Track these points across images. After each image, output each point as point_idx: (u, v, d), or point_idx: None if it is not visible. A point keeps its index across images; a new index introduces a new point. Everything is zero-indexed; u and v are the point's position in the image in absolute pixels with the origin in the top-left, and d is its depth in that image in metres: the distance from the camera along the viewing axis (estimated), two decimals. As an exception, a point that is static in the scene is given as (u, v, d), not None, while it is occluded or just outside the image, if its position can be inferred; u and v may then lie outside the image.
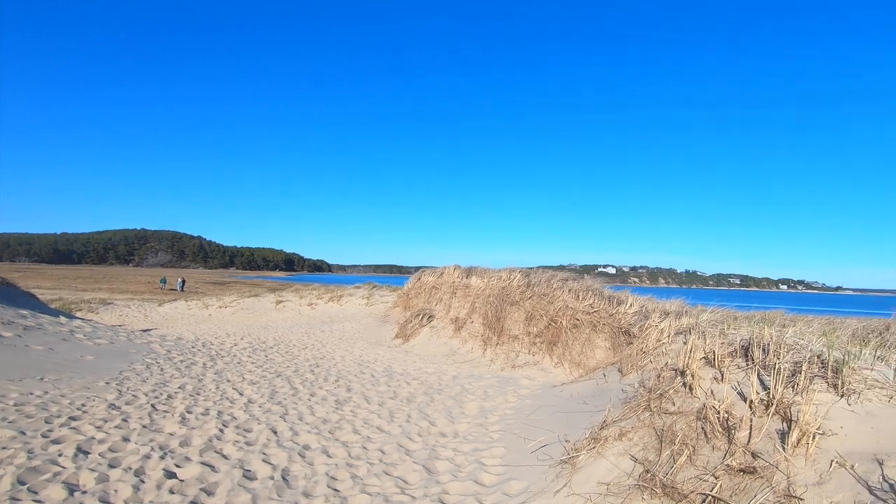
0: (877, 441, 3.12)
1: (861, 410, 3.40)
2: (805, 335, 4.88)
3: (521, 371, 10.71)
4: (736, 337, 4.74)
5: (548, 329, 11.93)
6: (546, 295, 12.50)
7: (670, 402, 4.20)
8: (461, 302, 15.75)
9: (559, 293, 12.20)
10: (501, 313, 13.40)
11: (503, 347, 12.48)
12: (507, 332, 12.86)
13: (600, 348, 10.59)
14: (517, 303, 13.12)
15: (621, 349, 9.23)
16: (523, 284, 13.15)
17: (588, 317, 11.18)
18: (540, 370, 10.77)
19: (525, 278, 13.45)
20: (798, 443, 3.15)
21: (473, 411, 6.92)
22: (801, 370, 3.71)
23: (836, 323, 11.79)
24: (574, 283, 12.44)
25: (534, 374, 10.04)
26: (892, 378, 3.76)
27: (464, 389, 8.24)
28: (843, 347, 4.45)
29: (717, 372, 4.23)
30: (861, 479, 2.81)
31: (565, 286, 12.37)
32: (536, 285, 12.79)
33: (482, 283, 15.18)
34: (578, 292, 11.98)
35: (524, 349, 11.99)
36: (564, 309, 11.71)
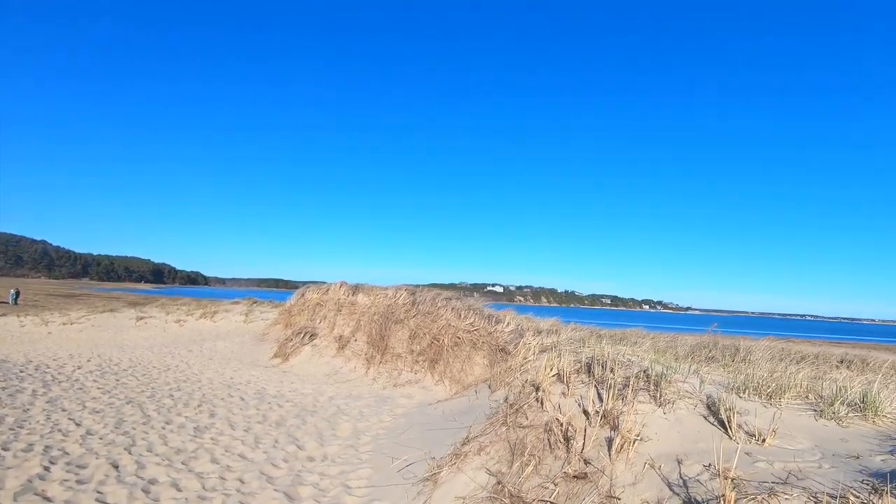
0: (681, 444, 3.68)
1: (672, 418, 3.99)
2: (640, 353, 5.59)
3: (402, 390, 10.79)
4: (583, 354, 5.29)
5: (430, 347, 12.19)
6: (430, 313, 12.78)
7: (524, 416, 4.55)
8: (346, 320, 15.49)
9: (443, 312, 12.55)
10: (386, 331, 13.42)
11: (386, 366, 12.48)
12: (391, 351, 12.89)
13: (479, 366, 11.05)
14: (402, 321, 13.24)
15: (497, 366, 9.75)
16: (409, 303, 13.32)
17: (469, 335, 11.63)
18: (421, 388, 10.94)
19: (411, 296, 13.64)
20: (621, 449, 3.60)
21: (346, 433, 6.84)
22: (630, 384, 4.25)
23: (678, 339, 13.55)
24: (457, 302, 12.89)
25: (413, 393, 10.17)
26: (699, 388, 4.46)
27: (339, 410, 8.10)
28: (666, 363, 5.18)
29: (565, 387, 4.68)
30: (664, 477, 3.29)
31: (449, 305, 12.76)
32: (421, 304, 13.03)
33: (368, 301, 15.09)
34: (461, 311, 12.42)
35: (407, 367, 12.10)
36: (447, 327, 12.06)
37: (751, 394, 4.47)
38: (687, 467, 3.33)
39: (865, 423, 3.98)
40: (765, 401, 4.36)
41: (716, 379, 5.01)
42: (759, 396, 4.42)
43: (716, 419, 3.93)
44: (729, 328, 48.76)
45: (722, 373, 5.67)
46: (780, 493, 2.74)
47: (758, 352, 8.13)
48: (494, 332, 11.37)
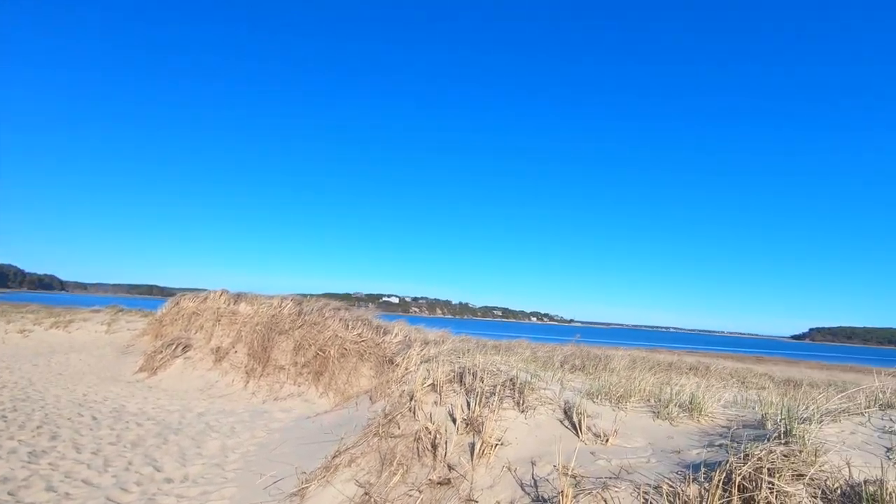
0: (537, 446, 3.96)
1: (532, 422, 4.28)
2: (512, 362, 5.93)
3: (282, 403, 10.34)
4: (458, 365, 5.49)
5: (316, 359, 11.83)
6: (317, 324, 12.42)
7: (397, 426, 4.60)
8: (226, 330, 14.51)
9: (330, 322, 12.26)
10: (269, 343, 12.79)
11: (268, 379, 11.89)
12: (274, 363, 12.32)
13: (365, 377, 10.93)
14: (287, 332, 12.71)
15: (383, 377, 9.72)
16: (295, 313, 12.83)
17: (356, 346, 11.47)
18: (304, 401, 10.57)
19: (297, 306, 13.15)
20: (482, 454, 3.79)
21: (214, 450, 6.38)
22: (496, 392, 4.49)
23: (556, 349, 14.50)
24: (346, 313, 12.68)
25: (294, 406, 9.78)
26: (559, 394, 4.83)
27: (208, 427, 7.54)
28: (534, 371, 5.54)
29: (438, 396, 4.82)
30: (519, 479, 3.52)
31: (337, 315, 12.50)
32: (308, 314, 12.62)
33: (251, 311, 14.29)
34: (349, 322, 12.23)
35: (290, 380, 11.63)
36: (334, 338, 11.80)
37: (603, 399, 4.94)
38: (539, 468, 3.59)
39: (692, 422, 4.58)
40: (614, 404, 4.84)
41: (576, 386, 5.46)
42: (609, 401, 4.90)
43: (570, 423, 4.28)
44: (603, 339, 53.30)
45: (584, 380, 6.19)
46: (612, 487, 3.07)
47: (617, 360, 8.99)
48: (382, 344, 11.36)
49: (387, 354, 11.25)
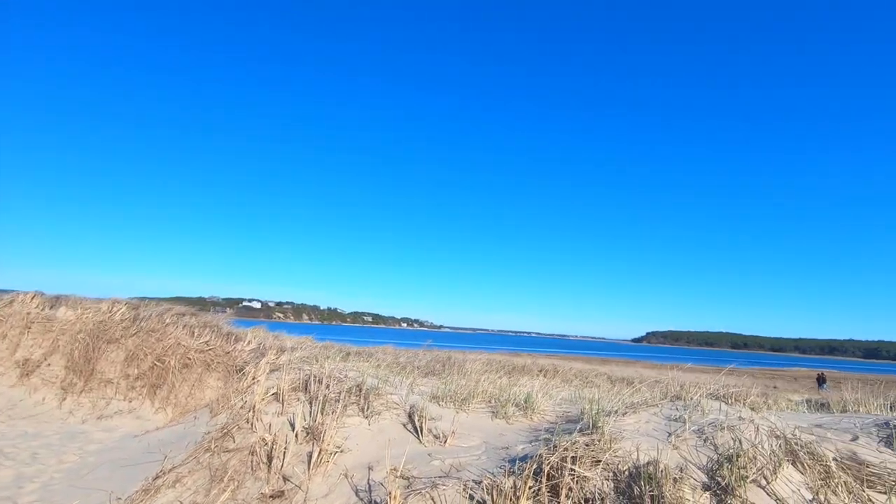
0: (379, 451, 3.97)
1: (376, 428, 4.29)
2: (365, 368, 5.89)
3: (107, 422, 9.06)
4: (306, 372, 5.31)
5: (153, 370, 10.59)
6: (156, 331, 11.13)
7: (232, 439, 4.29)
8: (38, 339, 12.33)
9: (172, 329, 11.08)
10: (94, 353, 11.15)
11: (91, 395, 10.34)
12: (100, 376, 10.76)
13: (212, 389, 10.05)
14: (118, 340, 11.19)
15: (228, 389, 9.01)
16: (129, 318, 11.36)
17: (202, 355, 10.50)
18: (135, 418, 9.38)
19: (132, 311, 11.67)
20: (319, 462, 3.69)
21: (5, 481, 5.34)
22: (341, 398, 4.43)
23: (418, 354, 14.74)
24: (191, 319, 11.55)
25: (121, 424, 8.63)
26: (406, 398, 4.91)
27: (1, 454, 6.31)
28: (384, 377, 5.57)
29: (281, 406, 4.60)
30: (355, 485, 3.50)
31: (180, 321, 11.34)
32: (145, 320, 11.26)
33: (73, 316, 12.35)
34: (194, 328, 11.17)
35: (120, 395, 10.25)
36: (176, 347, 10.68)
37: (448, 401, 5.13)
38: (376, 473, 3.60)
39: (526, 420, 4.96)
40: (458, 406, 5.06)
41: (425, 390, 5.60)
42: (453, 403, 5.11)
43: (413, 426, 4.38)
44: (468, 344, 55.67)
45: (436, 384, 6.38)
46: (440, 485, 3.19)
47: (472, 364, 9.44)
48: (233, 352, 10.55)
49: (237, 364, 10.48)
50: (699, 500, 2.92)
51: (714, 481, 3.06)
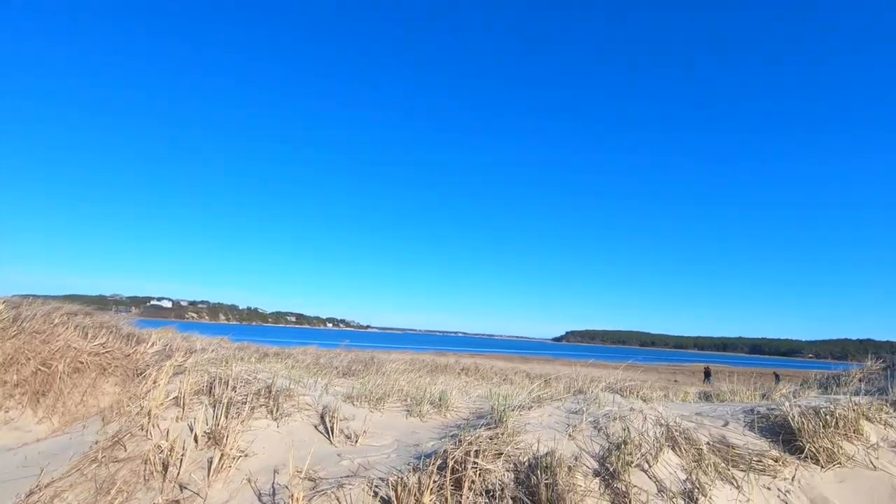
0: (286, 454, 3.87)
1: (285, 430, 4.18)
2: (277, 369, 5.71)
3: (-22, 435, 8.05)
4: (212, 375, 5.06)
5: (36, 375, 9.55)
6: (41, 332, 10.02)
7: (123, 448, 4.00)
8: None
9: (61, 330, 10.03)
10: (-35, 358, 9.89)
11: (-41, 405, 9.16)
12: (-29, 384, 9.56)
13: (109, 395, 9.23)
14: (-7, 343, 10.01)
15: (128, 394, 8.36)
16: (7, 319, 10.16)
17: (97, 358, 9.62)
18: (13, 429, 8.38)
19: (12, 310, 10.45)
20: (221, 468, 3.54)
21: None
22: (248, 401, 4.27)
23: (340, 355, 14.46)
24: (84, 319, 10.54)
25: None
26: (318, 399, 4.82)
27: None
28: (298, 378, 5.43)
29: (181, 410, 4.35)
30: (259, 489, 3.39)
31: (71, 322, 10.29)
32: (28, 320, 10.11)
33: (-62, 316, 10.86)
34: (89, 329, 10.22)
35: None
36: (65, 349, 9.68)
37: (363, 401, 5.11)
38: (282, 476, 3.51)
39: (440, 417, 5.05)
40: (372, 406, 5.05)
41: (340, 390, 5.54)
42: (368, 402, 5.09)
43: (324, 427, 4.31)
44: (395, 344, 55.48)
45: (353, 384, 6.31)
46: (346, 485, 3.18)
47: (392, 364, 9.43)
48: (134, 355, 9.77)
49: (138, 367, 9.74)
50: (590, 485, 3.14)
51: (604, 468, 3.30)
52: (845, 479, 3.45)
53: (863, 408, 3.99)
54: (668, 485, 3.17)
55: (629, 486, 3.08)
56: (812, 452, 3.55)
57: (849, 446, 3.64)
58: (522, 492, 3.03)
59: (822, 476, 3.46)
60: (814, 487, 3.36)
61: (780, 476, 3.44)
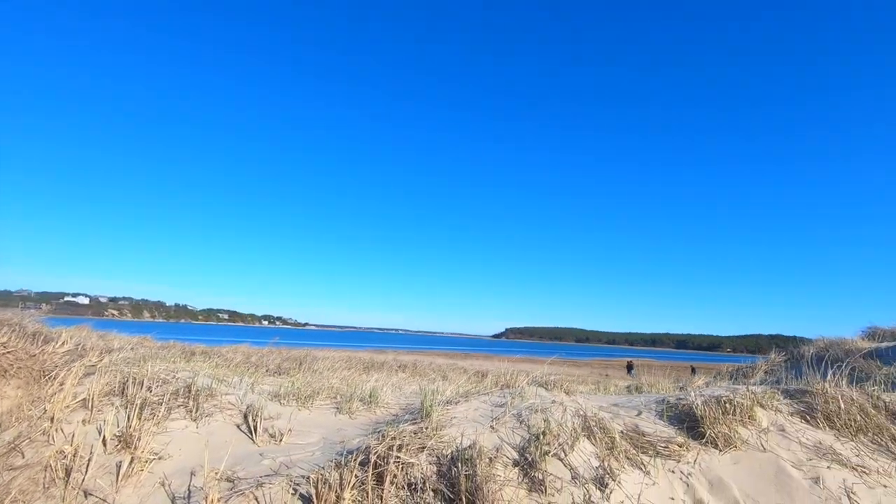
0: (204, 455, 3.73)
1: (205, 431, 4.02)
2: (197, 368, 5.48)
3: None
4: (125, 374, 4.78)
5: (-77, 379, 8.63)
6: (-70, 331, 9.09)
7: (20, 455, 3.70)
8: None
9: (-46, 329, 9.15)
10: None
11: None
12: None
13: (8, 398, 8.46)
14: None
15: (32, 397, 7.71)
16: None
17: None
18: None
19: None
20: (132, 472, 3.37)
21: None
22: (165, 401, 4.08)
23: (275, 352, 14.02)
24: (-17, 316, 9.65)
25: None
26: (243, 398, 4.68)
27: None
28: (222, 376, 5.24)
29: (89, 413, 4.09)
30: (173, 492, 3.25)
31: (-33, 320, 9.40)
32: (-86, 318, 9.12)
33: None
34: (-12, 328, 9.36)
35: None
36: (-41, 350, 8.84)
37: (290, 399, 5.01)
38: (199, 478, 3.39)
39: (369, 414, 5.04)
40: (301, 404, 4.96)
41: (266, 388, 5.39)
42: (296, 401, 4.99)
43: (247, 426, 4.19)
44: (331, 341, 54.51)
45: (282, 382, 6.16)
46: (266, 484, 3.12)
47: (324, 361, 9.28)
48: (40, 355, 9.02)
49: (45, 368, 9.01)
50: (509, 475, 3.26)
51: (523, 458, 3.44)
52: (739, 460, 3.77)
53: (758, 396, 4.38)
54: (581, 472, 3.35)
55: (545, 474, 3.23)
56: (712, 437, 3.86)
57: (744, 431, 3.99)
58: (444, 484, 3.10)
59: (719, 459, 3.77)
60: (712, 469, 3.66)
61: (684, 460, 3.71)
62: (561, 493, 3.18)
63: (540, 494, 3.16)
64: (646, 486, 3.44)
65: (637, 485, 3.37)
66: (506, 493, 3.10)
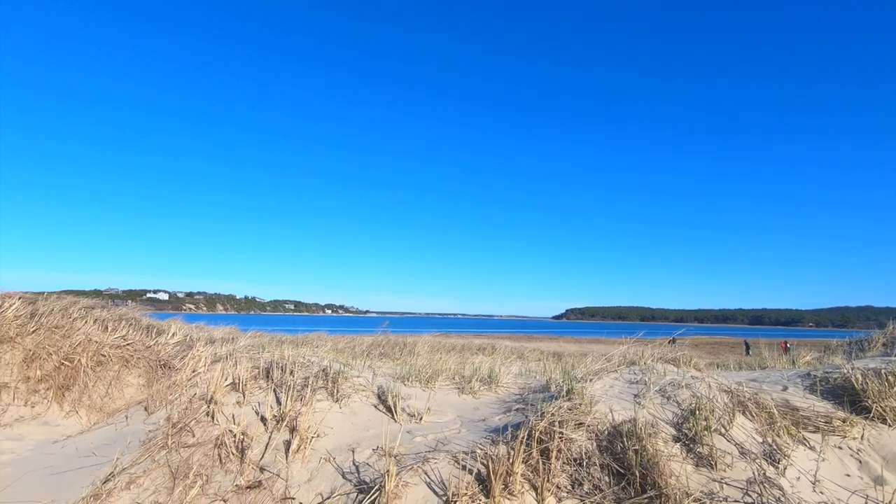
0: (354, 434, 3.89)
1: (348, 411, 4.19)
2: (325, 352, 5.72)
3: (8, 431, 8.05)
4: (263, 360, 5.05)
5: (59, 370, 9.51)
6: (61, 327, 9.98)
7: (190, 434, 4.00)
8: None
9: (80, 324, 9.99)
10: (-15, 355, 9.83)
11: (-17, 402, 9.14)
12: (-7, 381, 9.53)
13: (133, 386, 9.28)
14: (12, 339, 9.91)
15: (158, 384, 8.36)
16: (25, 315, 10.08)
17: (118, 351, 9.62)
18: (41, 424, 8.41)
19: (29, 306, 10.36)
20: (298, 449, 3.56)
21: None
22: (308, 384, 4.27)
23: (356, 340, 14.53)
24: (103, 312, 10.48)
25: (27, 432, 7.70)
26: (372, 381, 4.84)
27: None
28: (344, 361, 5.44)
29: (241, 395, 4.35)
30: (338, 467, 3.41)
31: (90, 315, 10.24)
32: (46, 315, 10.03)
33: (-46, 314, 10.76)
34: (108, 322, 10.17)
35: (19, 400, 9.12)
36: (86, 343, 9.66)
37: (413, 381, 5.13)
38: (359, 454, 3.53)
39: (491, 393, 5.08)
40: (423, 385, 5.07)
41: (386, 371, 5.55)
42: (419, 382, 5.11)
43: (384, 406, 4.33)
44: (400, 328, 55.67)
45: (392, 366, 6.33)
46: (431, 459, 3.20)
47: (420, 345, 9.47)
48: (155, 346, 9.77)
49: (161, 358, 9.77)
50: (671, 450, 3.18)
51: (681, 433, 3.34)
52: (912, 435, 3.51)
53: (917, 367, 4.05)
54: (748, 447, 3.22)
55: (714, 449, 3.13)
56: (879, 412, 3.61)
57: (911, 404, 3.70)
58: (608, 459, 3.07)
59: (889, 434, 3.52)
60: (884, 445, 3.42)
61: (850, 436, 3.50)
62: (732, 468, 3.07)
63: (710, 470, 3.06)
64: (815, 462, 3.27)
65: (811, 461, 3.21)
66: (672, 467, 3.03)
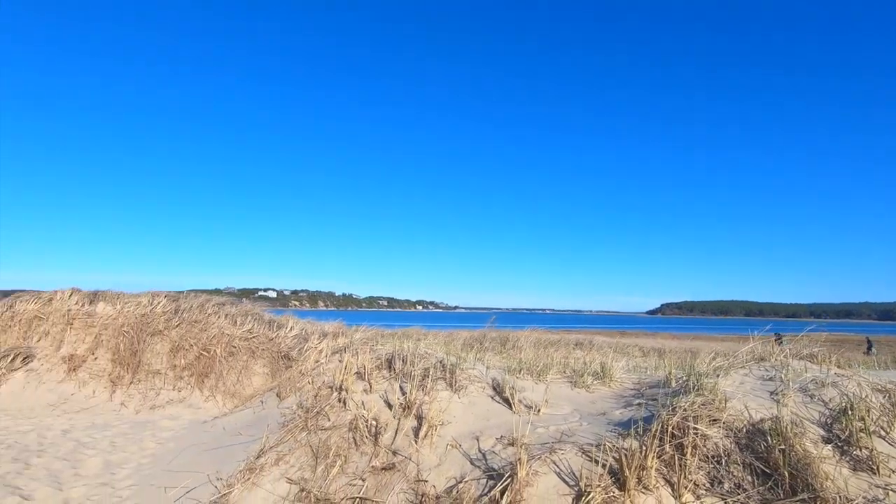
0: (476, 423, 4.05)
1: (466, 401, 4.36)
2: (433, 346, 5.97)
3: (163, 411, 9.29)
4: (382, 351, 5.39)
5: (199, 359, 10.80)
6: (198, 322, 11.31)
7: (326, 418, 4.38)
8: (81, 335, 12.55)
9: (214, 319, 11.26)
10: (139, 346, 11.36)
11: (140, 386, 10.57)
12: (147, 368, 10.99)
13: (259, 375, 10.29)
14: (161, 332, 11.39)
15: (280, 374, 9.18)
16: (170, 311, 11.53)
17: (246, 343, 10.71)
18: (188, 407, 9.62)
19: (173, 303, 11.84)
20: (426, 435, 3.78)
21: (96, 469, 5.51)
22: (428, 374, 4.50)
23: (454, 334, 14.88)
24: (232, 308, 11.72)
25: (179, 413, 8.83)
26: (485, 373, 4.98)
27: (80, 445, 6.49)
28: (457, 354, 5.64)
29: (367, 384, 4.68)
30: (465, 454, 3.58)
31: (222, 311, 11.51)
32: (187, 311, 11.42)
33: (113, 311, 12.53)
34: (236, 317, 11.35)
35: (168, 385, 10.48)
36: (220, 336, 10.87)
37: (524, 374, 5.20)
38: (483, 442, 3.68)
39: (605, 388, 5.02)
40: (535, 378, 5.12)
41: (496, 364, 5.67)
42: (530, 375, 5.17)
43: (501, 398, 4.44)
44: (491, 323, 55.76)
45: (498, 359, 6.45)
46: (558, 450, 3.26)
47: (522, 340, 9.52)
48: (276, 339, 10.73)
49: (282, 350, 10.71)
50: (822, 452, 2.97)
51: (832, 434, 3.10)
52: None
53: None
54: (916, 452, 2.92)
55: (874, 451, 2.87)
56: None
57: None
58: (750, 457, 2.93)
59: None
60: None
61: None
62: (898, 474, 2.80)
63: (870, 474, 2.82)
64: None
65: None
66: (825, 470, 2.83)
